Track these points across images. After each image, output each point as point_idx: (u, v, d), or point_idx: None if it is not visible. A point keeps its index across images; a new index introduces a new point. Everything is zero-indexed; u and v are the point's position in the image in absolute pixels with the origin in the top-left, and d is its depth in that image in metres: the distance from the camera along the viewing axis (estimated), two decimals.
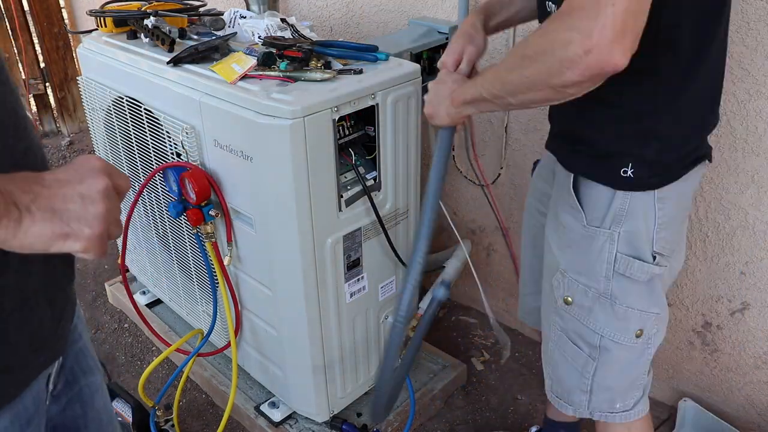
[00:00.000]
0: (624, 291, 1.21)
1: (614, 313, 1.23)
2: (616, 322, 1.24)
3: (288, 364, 1.73)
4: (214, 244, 1.65)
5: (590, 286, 1.23)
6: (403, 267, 1.76)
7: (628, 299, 1.22)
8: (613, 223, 1.17)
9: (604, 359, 1.28)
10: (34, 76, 3.90)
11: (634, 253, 1.18)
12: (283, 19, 1.68)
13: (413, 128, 1.61)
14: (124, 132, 1.89)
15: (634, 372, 1.31)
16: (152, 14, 1.73)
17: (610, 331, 1.25)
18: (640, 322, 1.24)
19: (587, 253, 1.21)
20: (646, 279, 1.20)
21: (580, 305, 1.26)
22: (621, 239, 1.17)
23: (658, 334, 1.28)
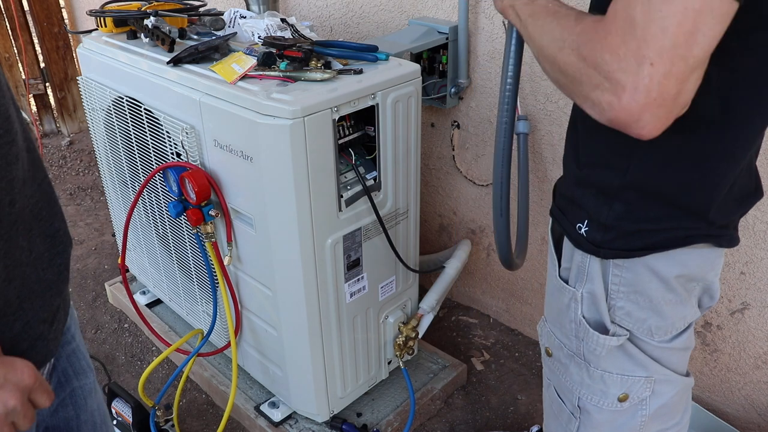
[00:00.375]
0: (597, 358, 1.08)
1: (590, 375, 1.11)
2: (593, 385, 1.11)
3: (288, 364, 1.73)
4: (214, 244, 1.65)
5: (564, 343, 1.13)
6: (403, 267, 1.76)
7: (602, 363, 1.08)
8: (577, 281, 1.05)
9: (585, 420, 1.16)
10: (34, 76, 3.90)
11: (596, 319, 1.05)
12: (283, 19, 1.68)
13: (413, 128, 1.61)
14: (124, 132, 1.89)
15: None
16: (152, 14, 1.73)
17: (587, 393, 1.13)
18: (622, 387, 1.09)
19: (559, 307, 1.11)
20: (603, 353, 1.06)
21: (558, 360, 1.16)
22: (584, 300, 1.05)
23: (659, 396, 1.11)
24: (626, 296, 1.01)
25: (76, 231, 3.06)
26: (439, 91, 2.03)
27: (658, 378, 1.09)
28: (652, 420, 1.14)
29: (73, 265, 2.77)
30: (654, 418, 1.14)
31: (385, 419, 1.87)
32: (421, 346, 2.11)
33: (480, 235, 2.29)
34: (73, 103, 4.03)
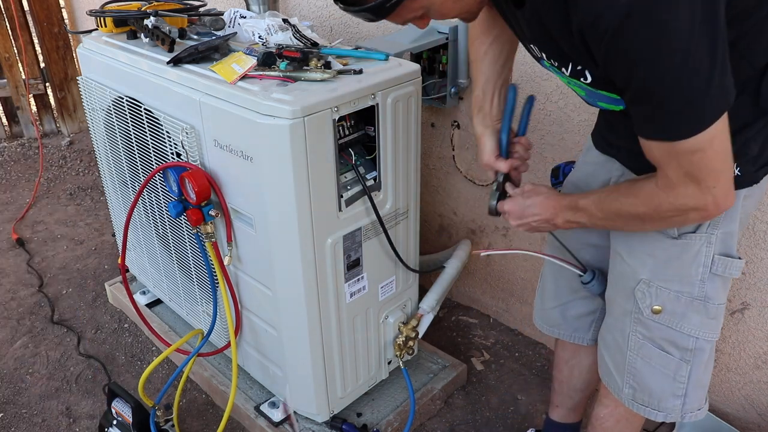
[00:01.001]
0: (717, 290, 1.23)
1: (707, 313, 1.25)
2: (709, 322, 1.26)
3: (288, 364, 1.73)
4: (214, 244, 1.65)
5: (683, 291, 1.24)
6: (403, 267, 1.76)
7: (721, 297, 1.25)
8: (710, 226, 1.18)
9: (698, 360, 1.29)
10: (34, 76, 3.90)
11: (729, 252, 1.21)
12: (285, 20, 1.68)
13: (413, 128, 1.61)
14: (124, 132, 1.89)
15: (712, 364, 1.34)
16: (152, 14, 1.73)
17: (705, 331, 1.26)
18: (721, 317, 1.27)
19: (679, 260, 1.21)
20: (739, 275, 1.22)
21: (672, 312, 1.26)
22: (718, 241, 1.19)
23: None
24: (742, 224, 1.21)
25: (76, 231, 3.06)
26: (439, 91, 2.02)
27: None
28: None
29: (73, 265, 2.78)
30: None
31: (385, 419, 1.87)
32: (421, 346, 2.11)
33: (480, 235, 2.29)
34: (73, 103, 4.03)
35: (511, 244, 2.21)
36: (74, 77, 3.94)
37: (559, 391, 1.72)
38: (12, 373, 2.21)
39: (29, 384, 2.16)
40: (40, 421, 2.02)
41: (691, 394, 1.33)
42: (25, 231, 3.07)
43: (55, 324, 2.44)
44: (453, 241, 2.37)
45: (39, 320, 2.46)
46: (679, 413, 1.35)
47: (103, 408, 1.96)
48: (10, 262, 2.83)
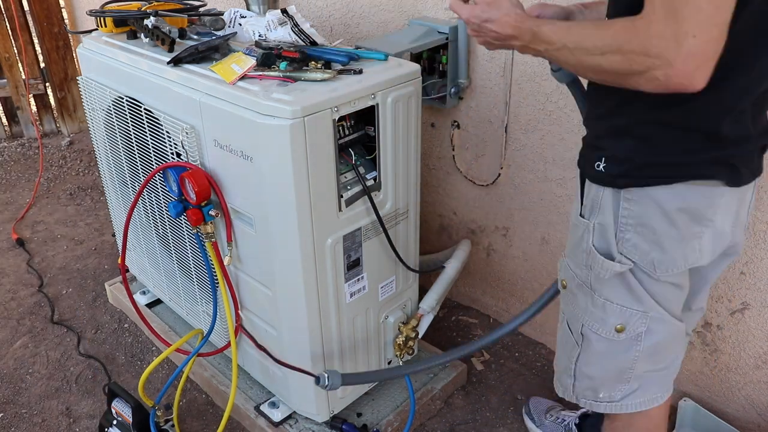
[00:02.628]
0: (599, 284, 1.22)
1: (593, 303, 1.24)
2: (595, 312, 1.25)
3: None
4: (214, 244, 1.65)
5: (576, 274, 1.26)
6: (403, 267, 1.76)
7: (605, 292, 1.22)
8: (591, 214, 1.19)
9: (585, 347, 1.30)
10: (34, 76, 3.90)
11: (605, 248, 1.18)
12: (284, 11, 1.68)
13: (413, 128, 1.61)
14: (124, 132, 1.89)
15: (617, 365, 1.29)
16: (152, 14, 1.73)
17: (589, 320, 1.26)
18: (620, 318, 1.22)
19: (576, 241, 1.25)
20: (607, 276, 1.19)
21: (570, 290, 1.30)
22: (596, 231, 1.19)
23: (653, 334, 1.24)
24: (633, 228, 1.14)
25: (76, 231, 3.06)
26: (439, 91, 2.03)
27: (653, 315, 1.21)
28: (645, 357, 1.26)
29: (73, 265, 2.78)
30: (646, 356, 1.26)
31: (385, 419, 1.87)
32: (421, 346, 2.11)
33: (480, 235, 2.30)
34: (73, 103, 4.03)
35: (511, 244, 2.21)
36: (74, 77, 3.94)
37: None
38: (12, 373, 2.21)
39: (29, 384, 2.16)
40: (40, 421, 2.02)
41: (580, 380, 1.34)
42: (25, 231, 3.07)
43: (55, 324, 2.44)
44: (453, 241, 2.37)
45: (39, 320, 2.46)
46: (571, 393, 1.38)
47: (103, 408, 1.96)
48: (10, 262, 2.83)
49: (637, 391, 1.33)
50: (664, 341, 1.27)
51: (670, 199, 1.10)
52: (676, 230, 1.13)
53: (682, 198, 1.10)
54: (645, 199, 1.11)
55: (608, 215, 1.16)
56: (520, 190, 2.09)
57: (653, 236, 1.14)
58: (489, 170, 2.15)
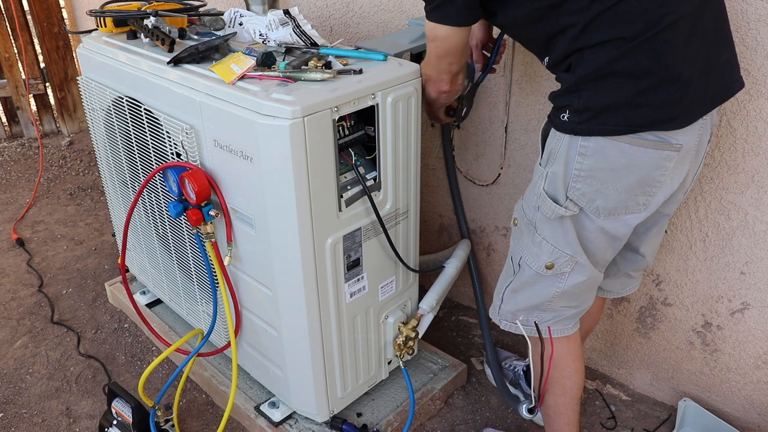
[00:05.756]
0: (542, 224, 1.42)
1: (533, 240, 1.45)
2: (532, 248, 1.45)
3: (288, 364, 1.73)
4: (214, 244, 1.65)
5: (527, 213, 1.46)
6: (403, 267, 1.76)
7: (544, 232, 1.42)
8: (547, 163, 1.37)
9: (518, 276, 1.52)
10: (34, 76, 3.90)
11: (553, 194, 1.37)
12: (286, 11, 1.68)
13: (413, 128, 1.61)
14: (124, 132, 1.89)
15: (539, 296, 1.50)
16: (152, 14, 1.73)
17: (526, 254, 1.47)
18: (551, 256, 1.43)
19: (531, 186, 1.45)
20: (551, 216, 1.38)
21: (519, 228, 1.50)
22: (548, 178, 1.37)
23: (573, 275, 1.45)
24: (583, 179, 1.32)
25: (76, 231, 3.06)
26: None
27: (579, 260, 1.43)
28: (563, 295, 1.49)
29: (73, 265, 2.78)
30: (565, 294, 1.48)
31: (385, 419, 1.88)
32: (421, 346, 2.11)
33: (480, 235, 2.29)
34: (73, 103, 4.03)
35: None
36: (74, 77, 3.94)
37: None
38: (12, 373, 2.21)
39: (29, 384, 2.17)
40: (40, 421, 2.02)
41: (506, 301, 1.57)
42: (25, 231, 3.07)
43: (55, 324, 2.44)
44: (453, 241, 2.37)
45: (39, 320, 2.46)
46: (497, 314, 1.61)
47: (103, 408, 1.97)
48: (10, 262, 2.83)
49: (550, 321, 1.54)
50: (582, 285, 1.47)
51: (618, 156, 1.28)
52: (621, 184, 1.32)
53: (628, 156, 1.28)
54: (599, 152, 1.28)
55: (561, 165, 1.33)
56: (520, 190, 2.09)
57: (600, 186, 1.32)
58: (489, 170, 2.15)
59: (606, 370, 2.17)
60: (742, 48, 1.51)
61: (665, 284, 1.90)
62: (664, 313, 1.94)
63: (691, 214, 1.76)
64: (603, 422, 1.98)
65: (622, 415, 2.01)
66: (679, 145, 1.29)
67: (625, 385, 2.12)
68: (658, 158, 1.29)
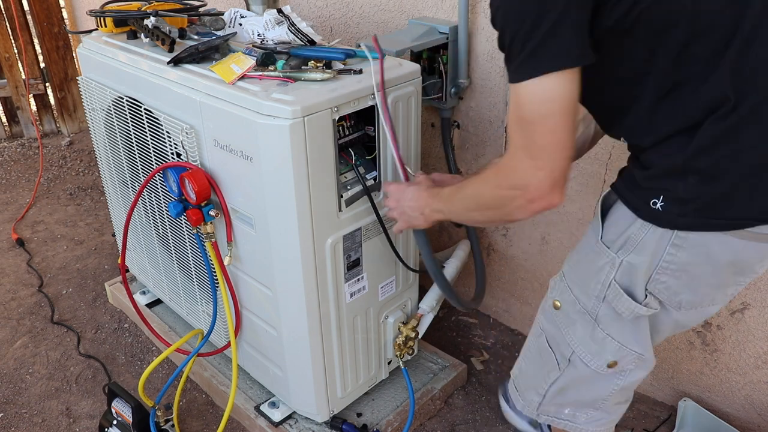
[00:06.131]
0: (609, 318, 1.20)
1: (593, 335, 1.22)
2: (592, 345, 1.24)
3: (288, 364, 1.73)
4: (214, 244, 1.65)
5: (580, 300, 1.23)
6: (403, 267, 1.76)
7: (610, 328, 1.21)
8: (621, 249, 1.13)
9: (568, 372, 1.30)
10: (34, 76, 3.90)
11: (628, 287, 1.15)
12: (279, 10, 1.68)
13: (413, 128, 1.61)
14: (124, 132, 1.89)
15: (593, 395, 1.31)
16: (152, 14, 1.73)
17: (583, 350, 1.25)
18: (616, 354, 1.22)
19: (589, 268, 1.20)
20: (629, 317, 1.17)
21: (566, 314, 1.26)
22: (622, 267, 1.14)
23: (636, 372, 1.26)
24: (672, 273, 1.09)
25: (76, 231, 3.06)
26: (439, 91, 2.02)
27: (644, 358, 1.23)
28: (620, 391, 1.30)
29: (73, 265, 2.78)
30: (621, 391, 1.30)
31: (385, 419, 1.88)
32: (421, 346, 2.11)
33: (480, 235, 2.30)
34: (73, 103, 4.03)
35: (512, 244, 2.21)
36: (74, 77, 3.94)
37: None
38: (12, 373, 2.21)
39: (29, 384, 2.17)
40: (40, 421, 2.02)
41: (549, 399, 1.36)
42: (25, 231, 3.07)
43: (55, 324, 2.44)
44: (453, 241, 2.37)
45: (39, 320, 2.46)
46: (535, 410, 1.40)
47: (103, 408, 1.96)
48: (10, 262, 2.83)
49: (601, 420, 1.36)
50: (639, 380, 1.30)
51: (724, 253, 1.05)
52: (717, 279, 1.11)
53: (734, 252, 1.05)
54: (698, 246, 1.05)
55: (646, 256, 1.10)
56: None
57: (690, 282, 1.10)
58: None
59: None
60: None
61: None
62: None
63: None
64: None
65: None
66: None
67: None
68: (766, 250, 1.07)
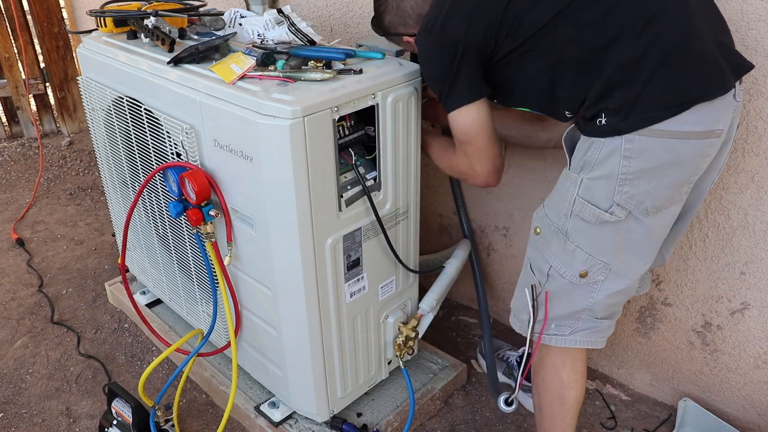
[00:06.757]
0: (577, 232, 1.39)
1: (564, 248, 1.41)
2: (564, 256, 1.42)
3: (288, 364, 1.73)
4: (214, 244, 1.65)
5: (554, 221, 1.42)
6: (402, 267, 1.76)
7: (579, 240, 1.39)
8: (582, 170, 1.34)
9: (548, 285, 1.47)
10: (34, 76, 3.90)
11: (591, 199, 1.34)
12: (279, 10, 1.68)
13: (413, 128, 1.61)
14: (124, 132, 1.89)
15: (573, 306, 1.47)
16: (152, 14, 1.73)
17: (558, 263, 1.43)
18: (585, 264, 1.40)
19: (559, 193, 1.41)
20: (594, 221, 1.35)
21: (544, 236, 1.46)
22: (583, 185, 1.34)
23: (607, 283, 1.42)
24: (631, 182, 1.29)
25: (76, 231, 3.06)
26: None
27: (614, 268, 1.40)
28: (596, 305, 1.45)
29: (73, 265, 2.78)
30: (598, 304, 1.45)
31: (385, 419, 1.88)
32: (421, 346, 2.11)
33: (480, 235, 2.29)
34: (73, 103, 4.03)
35: (511, 244, 2.21)
36: (74, 77, 3.94)
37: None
38: (12, 373, 2.21)
39: (29, 384, 2.17)
40: (40, 421, 2.02)
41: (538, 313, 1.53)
42: (25, 231, 3.07)
43: (55, 324, 2.44)
44: (453, 241, 2.37)
45: (39, 320, 2.46)
46: (527, 328, 1.54)
47: (103, 408, 1.97)
48: (10, 262, 2.83)
49: (584, 331, 1.50)
50: (618, 294, 1.45)
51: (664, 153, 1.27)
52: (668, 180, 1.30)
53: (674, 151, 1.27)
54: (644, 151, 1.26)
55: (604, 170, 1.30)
56: (520, 190, 2.09)
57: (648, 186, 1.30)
58: None
59: (606, 370, 2.17)
60: (742, 48, 1.51)
61: (665, 284, 1.90)
62: (664, 313, 1.94)
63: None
64: (603, 422, 1.98)
65: (622, 415, 2.01)
66: (720, 131, 1.28)
67: (625, 385, 2.12)
68: (702, 147, 1.28)
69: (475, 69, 1.40)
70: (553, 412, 1.60)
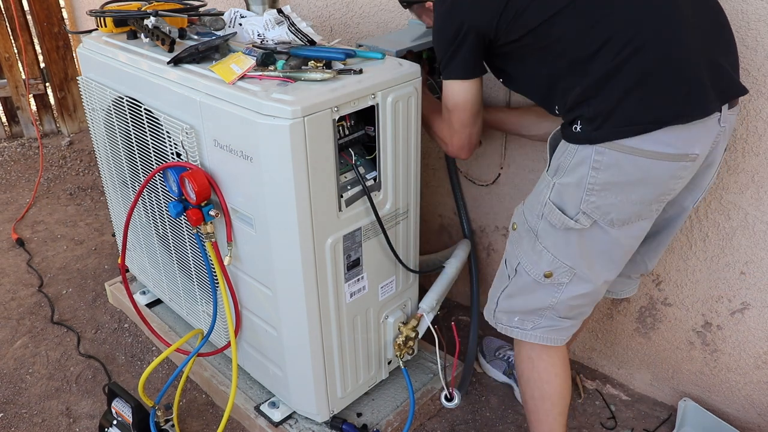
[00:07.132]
0: (546, 233, 1.43)
1: (533, 248, 1.47)
2: (532, 256, 1.47)
3: (288, 364, 1.73)
4: (214, 244, 1.65)
5: (528, 220, 1.48)
6: (402, 267, 1.76)
7: (546, 241, 1.44)
8: (555, 174, 1.39)
9: (515, 281, 1.53)
10: (34, 76, 3.90)
11: (560, 204, 1.38)
12: (279, 10, 1.68)
13: (413, 128, 1.61)
14: (124, 132, 1.89)
15: (536, 303, 1.52)
16: (152, 14, 1.73)
17: (525, 261, 1.49)
18: (551, 265, 1.45)
19: (535, 194, 1.47)
20: (560, 227, 1.39)
21: (518, 233, 1.52)
22: (555, 189, 1.39)
23: (571, 286, 1.46)
24: (598, 193, 1.33)
25: (76, 231, 3.06)
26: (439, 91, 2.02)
27: (578, 273, 1.44)
28: (560, 305, 1.50)
29: (73, 265, 2.78)
30: (561, 304, 1.49)
31: (385, 419, 1.88)
32: (421, 346, 2.11)
33: (480, 235, 2.29)
34: (73, 103, 4.03)
35: None
36: (74, 77, 3.94)
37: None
38: (12, 373, 2.21)
39: (29, 384, 2.17)
40: (40, 421, 2.02)
41: (501, 305, 1.60)
42: (25, 231, 3.07)
43: (55, 324, 2.44)
44: (453, 241, 2.37)
45: (39, 320, 2.46)
46: (492, 316, 1.63)
47: (103, 408, 1.97)
48: (10, 262, 2.83)
49: (545, 328, 1.54)
50: (581, 297, 1.48)
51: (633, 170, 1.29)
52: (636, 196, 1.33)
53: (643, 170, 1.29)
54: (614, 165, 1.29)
55: (573, 178, 1.34)
56: (520, 190, 2.09)
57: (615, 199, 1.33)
58: (489, 170, 2.15)
59: (606, 370, 2.17)
60: (742, 48, 1.51)
61: (665, 284, 1.90)
62: (664, 313, 1.94)
63: (691, 214, 1.76)
64: (603, 422, 1.98)
65: (622, 415, 2.01)
66: (695, 155, 1.29)
67: (625, 385, 2.12)
68: (674, 169, 1.30)
69: (474, 50, 1.44)
70: (537, 407, 1.63)
